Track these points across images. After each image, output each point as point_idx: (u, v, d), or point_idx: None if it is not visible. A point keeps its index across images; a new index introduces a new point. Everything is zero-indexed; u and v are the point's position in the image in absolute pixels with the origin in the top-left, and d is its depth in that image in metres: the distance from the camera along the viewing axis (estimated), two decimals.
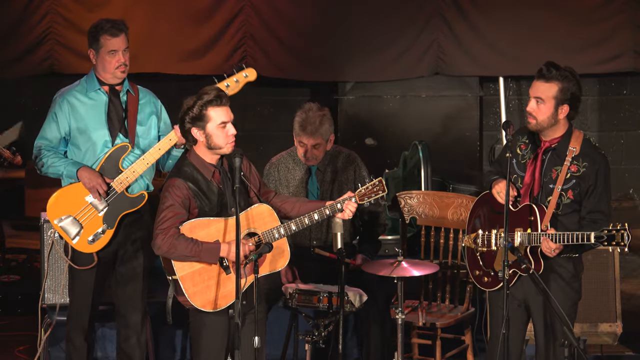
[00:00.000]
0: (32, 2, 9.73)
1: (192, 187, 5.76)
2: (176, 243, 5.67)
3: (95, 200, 6.33)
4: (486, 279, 6.00)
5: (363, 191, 5.95)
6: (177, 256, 5.70)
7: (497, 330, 5.91)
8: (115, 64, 6.39)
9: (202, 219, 5.77)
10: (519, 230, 5.85)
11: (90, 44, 6.43)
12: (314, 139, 6.78)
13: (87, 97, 6.45)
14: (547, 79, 5.80)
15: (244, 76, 6.40)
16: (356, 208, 5.92)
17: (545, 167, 5.89)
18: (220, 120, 5.74)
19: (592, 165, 5.85)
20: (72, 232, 6.34)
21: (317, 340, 6.24)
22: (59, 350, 7.26)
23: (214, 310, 5.75)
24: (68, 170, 6.34)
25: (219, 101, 5.74)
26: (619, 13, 9.82)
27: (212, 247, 5.71)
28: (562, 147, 5.87)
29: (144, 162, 6.35)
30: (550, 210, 5.83)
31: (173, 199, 5.73)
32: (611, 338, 7.51)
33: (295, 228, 5.85)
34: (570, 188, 5.85)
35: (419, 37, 9.89)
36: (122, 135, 6.44)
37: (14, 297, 8.38)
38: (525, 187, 5.91)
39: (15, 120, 7.98)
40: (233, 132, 5.77)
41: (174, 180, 5.77)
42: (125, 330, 6.54)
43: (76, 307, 6.50)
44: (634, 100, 10.54)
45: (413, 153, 9.11)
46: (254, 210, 5.80)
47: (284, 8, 9.86)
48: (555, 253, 5.77)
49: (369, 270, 6.31)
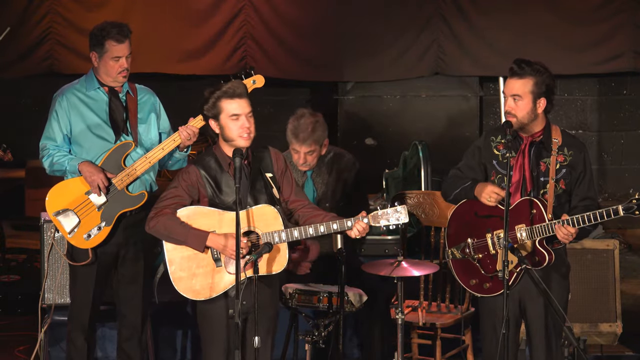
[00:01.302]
0: (32, 2, 9.74)
1: (203, 174, 5.78)
2: (166, 223, 5.70)
3: (95, 195, 6.33)
4: (488, 285, 5.97)
5: (380, 214, 5.74)
6: (165, 236, 5.74)
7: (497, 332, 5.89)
8: (118, 69, 6.40)
9: (205, 208, 5.77)
10: (520, 227, 5.85)
11: (93, 47, 6.42)
12: (307, 146, 6.77)
13: (86, 95, 6.45)
14: (521, 75, 5.85)
15: (252, 83, 6.39)
16: (368, 230, 5.74)
17: (533, 162, 5.90)
18: (232, 112, 5.76)
19: (578, 153, 5.91)
20: (69, 226, 6.34)
21: (317, 340, 6.24)
22: (59, 351, 7.26)
23: (195, 298, 5.76)
24: (71, 165, 6.34)
25: (232, 92, 5.76)
26: (619, 13, 9.83)
27: (199, 234, 5.72)
28: (546, 139, 5.92)
29: (147, 161, 6.35)
30: (550, 200, 5.84)
31: (179, 182, 5.79)
32: (611, 338, 7.51)
33: (297, 235, 5.75)
34: (562, 178, 5.90)
35: (419, 37, 9.89)
36: (125, 134, 6.44)
37: (14, 297, 8.38)
38: (516, 185, 5.91)
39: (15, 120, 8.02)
40: (246, 125, 5.78)
41: (189, 166, 5.85)
42: (126, 330, 6.54)
43: (77, 307, 6.50)
44: (634, 100, 10.54)
45: (413, 153, 9.11)
46: (258, 210, 5.79)
47: (284, 8, 9.86)
48: (572, 238, 5.76)
49: (369, 270, 6.30)
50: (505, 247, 5.71)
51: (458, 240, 6.04)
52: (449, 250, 6.08)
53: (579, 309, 7.20)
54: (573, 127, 10.47)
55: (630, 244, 9.73)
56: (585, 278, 7.31)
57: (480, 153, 6.00)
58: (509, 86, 5.88)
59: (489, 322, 6.01)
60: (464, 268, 6.04)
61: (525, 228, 5.84)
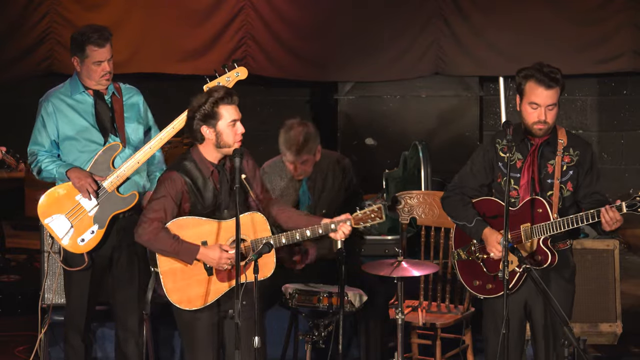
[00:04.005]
0: (32, 2, 9.73)
1: (188, 182, 5.77)
2: (158, 235, 5.69)
3: (85, 199, 6.33)
4: (490, 286, 5.97)
5: (360, 215, 5.82)
6: (156, 249, 5.73)
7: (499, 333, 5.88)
8: (100, 73, 6.39)
9: (193, 218, 5.77)
10: (524, 226, 5.85)
11: (75, 52, 6.41)
12: (299, 157, 6.76)
13: (72, 99, 6.44)
14: (555, 84, 5.82)
15: (235, 75, 6.40)
16: (350, 231, 5.82)
17: (540, 164, 5.90)
18: (232, 118, 5.75)
19: (584, 152, 5.91)
20: (61, 232, 6.34)
21: (317, 340, 6.24)
22: (58, 351, 7.26)
23: (189, 309, 5.77)
24: (59, 173, 6.34)
25: (230, 99, 5.76)
26: (619, 13, 9.82)
27: (191, 248, 5.73)
28: (553, 140, 5.92)
29: (135, 162, 6.35)
30: (555, 200, 5.83)
31: (166, 191, 5.74)
32: (611, 338, 7.51)
33: (285, 241, 5.79)
34: (569, 180, 5.89)
35: (419, 37, 9.89)
36: (113, 135, 6.44)
37: (14, 297, 8.37)
38: (525, 187, 5.91)
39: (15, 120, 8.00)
40: (242, 130, 5.79)
41: (172, 172, 5.78)
42: (123, 332, 6.55)
43: (72, 309, 6.51)
44: (634, 100, 10.54)
45: (413, 153, 9.11)
46: (247, 218, 5.80)
47: (284, 8, 9.86)
48: (616, 225, 5.74)
49: (369, 270, 6.31)
50: (505, 247, 5.71)
51: (464, 242, 6.04)
52: (454, 251, 6.08)
53: (579, 309, 7.20)
54: (573, 127, 10.46)
55: (630, 244, 9.73)
56: (585, 278, 7.31)
57: (487, 156, 5.98)
58: (544, 96, 5.79)
59: (491, 324, 6.00)
60: (468, 269, 6.04)
61: (529, 226, 5.84)
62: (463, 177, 6.06)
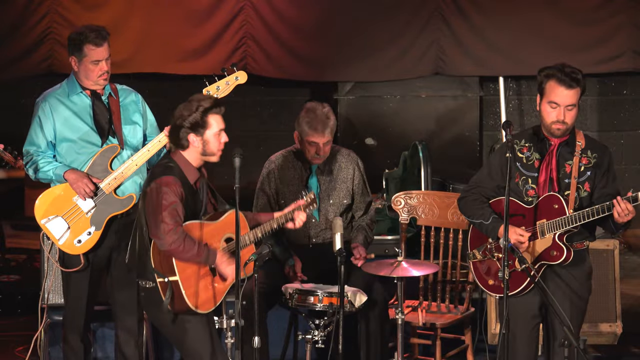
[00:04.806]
0: (32, 2, 9.73)
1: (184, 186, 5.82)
2: (186, 242, 5.69)
3: (82, 200, 6.33)
4: None
5: (302, 206, 6.22)
6: (183, 257, 5.72)
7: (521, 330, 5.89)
8: (98, 73, 6.38)
9: (196, 222, 5.82)
10: (540, 222, 5.84)
11: (72, 52, 6.40)
12: (325, 136, 6.75)
13: (69, 100, 6.43)
14: (576, 84, 5.78)
15: (234, 79, 6.41)
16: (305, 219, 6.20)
17: (559, 163, 5.89)
18: (219, 128, 5.83)
19: (602, 155, 5.90)
20: (58, 233, 6.33)
21: (317, 340, 6.25)
22: (58, 351, 7.26)
23: (203, 311, 5.80)
24: (56, 174, 6.33)
25: (219, 108, 5.82)
26: (619, 13, 9.82)
27: (213, 251, 5.79)
28: (572, 141, 5.91)
29: (133, 164, 6.35)
30: (572, 197, 5.82)
31: (175, 196, 5.74)
32: (611, 338, 7.51)
33: (260, 235, 6.03)
34: (587, 180, 5.87)
35: (419, 37, 9.89)
36: (111, 137, 6.43)
37: (14, 297, 8.38)
38: (542, 185, 5.89)
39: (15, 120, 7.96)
40: (225, 139, 5.87)
41: (170, 177, 5.77)
42: (122, 333, 6.54)
43: (70, 310, 6.50)
44: (634, 100, 10.54)
45: (413, 153, 9.11)
46: (230, 217, 5.87)
47: (284, 8, 9.86)
48: (629, 217, 5.72)
49: (369, 270, 6.31)
50: (505, 247, 5.71)
51: (479, 243, 6.04)
52: (470, 252, 6.07)
53: None
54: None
55: (630, 244, 9.73)
56: None
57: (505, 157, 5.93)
58: (562, 96, 5.76)
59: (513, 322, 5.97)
60: (483, 270, 6.03)
61: (544, 222, 5.83)
62: (480, 178, 6.06)
